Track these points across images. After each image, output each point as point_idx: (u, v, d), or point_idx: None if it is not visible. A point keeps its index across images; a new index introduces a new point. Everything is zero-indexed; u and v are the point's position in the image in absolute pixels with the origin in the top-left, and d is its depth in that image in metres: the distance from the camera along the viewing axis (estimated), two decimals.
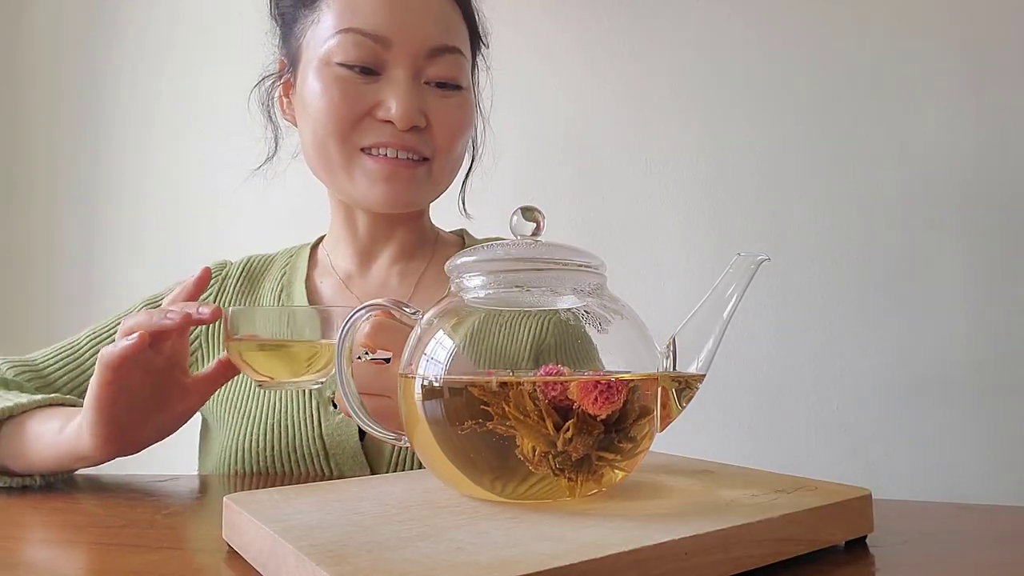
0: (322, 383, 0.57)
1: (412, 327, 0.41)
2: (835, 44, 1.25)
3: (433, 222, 0.83)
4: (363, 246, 0.77)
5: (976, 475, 1.14)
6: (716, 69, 1.31)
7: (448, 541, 0.31)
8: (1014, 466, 1.13)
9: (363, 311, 0.42)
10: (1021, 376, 1.13)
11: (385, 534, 0.32)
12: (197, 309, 0.53)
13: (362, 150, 0.68)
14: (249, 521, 0.36)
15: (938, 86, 1.20)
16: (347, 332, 0.42)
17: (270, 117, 0.79)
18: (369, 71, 0.67)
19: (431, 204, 0.80)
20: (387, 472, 0.66)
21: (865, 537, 0.39)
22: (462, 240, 0.84)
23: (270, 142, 0.80)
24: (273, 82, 0.77)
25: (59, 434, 0.56)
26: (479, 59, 0.80)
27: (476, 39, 0.77)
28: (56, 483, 0.60)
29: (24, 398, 0.60)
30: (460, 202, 0.85)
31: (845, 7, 1.25)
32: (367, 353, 0.51)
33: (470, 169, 0.84)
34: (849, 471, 1.18)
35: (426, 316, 0.41)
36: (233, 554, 0.38)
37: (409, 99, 0.66)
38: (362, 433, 0.67)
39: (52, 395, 0.63)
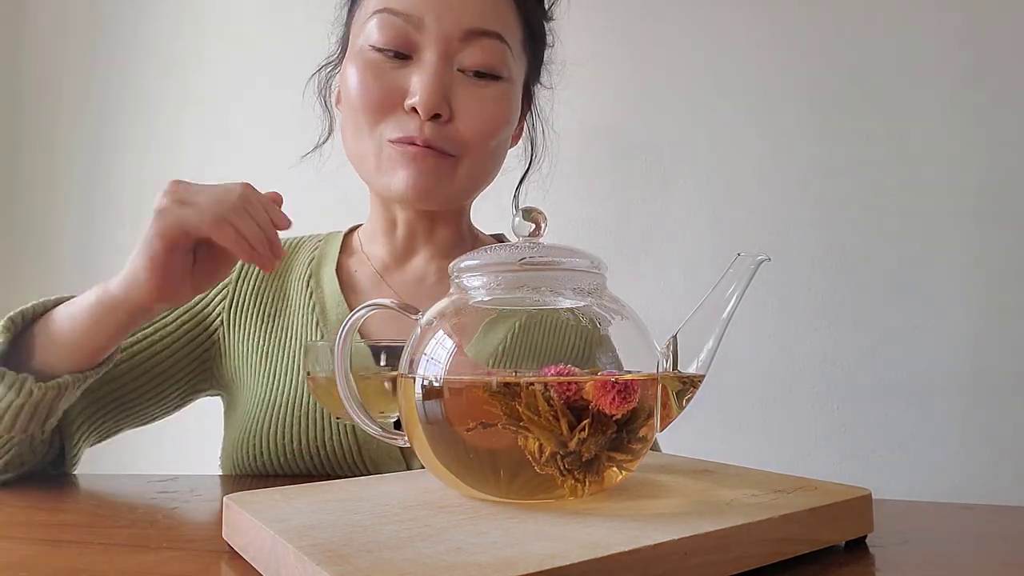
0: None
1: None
2: (837, 44, 1.25)
3: (474, 223, 0.80)
4: (401, 242, 0.74)
5: (976, 475, 1.14)
6: (717, 68, 1.31)
7: (448, 541, 0.31)
8: (1014, 466, 1.13)
9: (364, 310, 0.42)
10: (1021, 377, 1.13)
11: (385, 534, 0.32)
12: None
13: (390, 143, 0.66)
14: (249, 521, 0.36)
15: (940, 86, 1.20)
16: (347, 331, 0.42)
17: (326, 105, 0.77)
18: (401, 55, 0.64)
19: (471, 207, 0.77)
20: (422, 468, 0.65)
21: (865, 537, 0.39)
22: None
23: (323, 132, 0.78)
24: (332, 69, 0.75)
25: (98, 297, 0.57)
26: (541, 59, 0.75)
27: (533, 36, 0.72)
28: (55, 478, 0.60)
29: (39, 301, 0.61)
30: (514, 209, 0.81)
31: (848, 7, 1.25)
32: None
33: (526, 172, 0.81)
34: (849, 471, 1.18)
35: (427, 316, 0.41)
36: (233, 554, 0.38)
37: (433, 83, 0.62)
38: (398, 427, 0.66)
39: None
